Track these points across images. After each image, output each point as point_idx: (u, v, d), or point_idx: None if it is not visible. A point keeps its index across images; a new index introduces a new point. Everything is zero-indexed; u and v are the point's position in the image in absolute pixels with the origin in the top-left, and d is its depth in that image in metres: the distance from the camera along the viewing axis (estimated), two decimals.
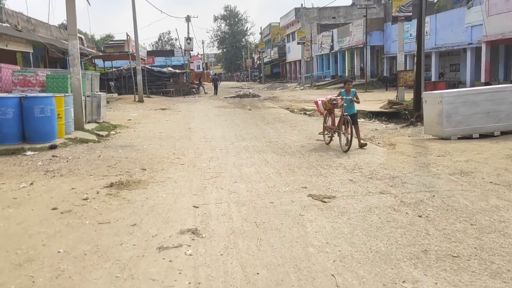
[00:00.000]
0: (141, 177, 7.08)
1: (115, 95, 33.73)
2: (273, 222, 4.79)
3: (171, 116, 18.82)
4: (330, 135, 10.20)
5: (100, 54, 32.40)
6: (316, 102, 10.96)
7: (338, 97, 9.89)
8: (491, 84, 24.01)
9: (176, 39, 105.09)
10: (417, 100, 14.22)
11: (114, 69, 37.58)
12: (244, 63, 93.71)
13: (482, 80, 24.17)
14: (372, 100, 23.39)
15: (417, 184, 6.20)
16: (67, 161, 8.30)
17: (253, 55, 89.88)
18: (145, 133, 12.90)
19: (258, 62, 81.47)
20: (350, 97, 9.77)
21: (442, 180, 6.40)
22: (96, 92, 15.49)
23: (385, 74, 34.93)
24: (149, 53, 56.07)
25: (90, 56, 26.96)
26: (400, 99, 18.43)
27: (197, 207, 5.40)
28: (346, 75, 40.78)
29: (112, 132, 13.14)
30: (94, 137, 11.62)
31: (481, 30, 24.22)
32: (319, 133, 11.15)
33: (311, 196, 5.76)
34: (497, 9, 22.88)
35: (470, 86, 24.58)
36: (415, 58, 13.86)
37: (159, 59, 57.88)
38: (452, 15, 28.03)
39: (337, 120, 10.14)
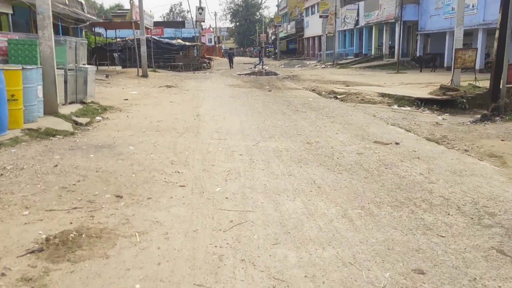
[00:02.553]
0: (107, 220, 4.01)
1: (119, 68, 30.60)
2: None
3: (176, 96, 15.66)
4: None
5: (100, 20, 29.13)
6: None
7: None
8: None
9: (187, 11, 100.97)
10: (496, 87, 10.92)
11: (118, 39, 34.32)
12: (257, 38, 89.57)
13: None
14: (411, 83, 20.00)
15: None
16: (1, 174, 5.25)
17: (267, 29, 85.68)
18: (139, 121, 9.80)
19: (272, 37, 77.40)
20: None
21: None
22: (83, 64, 12.34)
23: (418, 54, 31.23)
24: (158, 24, 52.76)
25: (88, 23, 23.72)
26: (455, 84, 15.08)
27: None
28: (373, 53, 37.07)
29: (97, 118, 10.06)
30: (69, 127, 8.55)
31: None
32: None
33: None
34: None
35: None
36: (498, 31, 10.51)
37: (168, 30, 54.48)
38: None
39: None
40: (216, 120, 10.13)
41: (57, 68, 10.41)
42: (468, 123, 10.79)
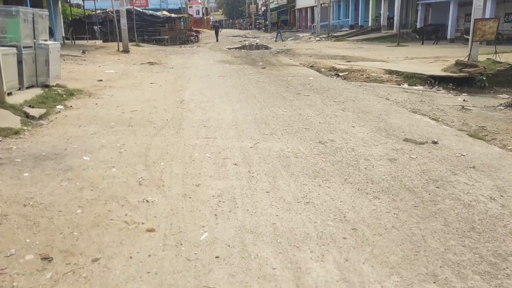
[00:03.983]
0: None
1: (99, 42, 28.35)
2: None
3: (159, 75, 13.75)
4: None
5: None
6: None
7: None
8: None
9: None
10: None
11: (99, 11, 31.89)
12: (247, 10, 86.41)
13: None
14: (416, 58, 18.20)
15: None
16: None
17: (258, 0, 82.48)
18: (108, 111, 7.99)
19: (262, 8, 74.51)
20: None
21: None
22: (44, 40, 10.36)
23: (418, 25, 29.29)
24: None
25: None
26: (473, 59, 13.34)
27: None
28: (370, 24, 35.03)
29: (58, 108, 8.23)
30: (15, 122, 6.74)
31: None
32: None
33: None
34: None
35: None
36: None
37: (153, 1, 51.36)
38: None
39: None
40: (204, 109, 8.34)
41: (8, 46, 8.54)
42: (501, 107, 9.14)
